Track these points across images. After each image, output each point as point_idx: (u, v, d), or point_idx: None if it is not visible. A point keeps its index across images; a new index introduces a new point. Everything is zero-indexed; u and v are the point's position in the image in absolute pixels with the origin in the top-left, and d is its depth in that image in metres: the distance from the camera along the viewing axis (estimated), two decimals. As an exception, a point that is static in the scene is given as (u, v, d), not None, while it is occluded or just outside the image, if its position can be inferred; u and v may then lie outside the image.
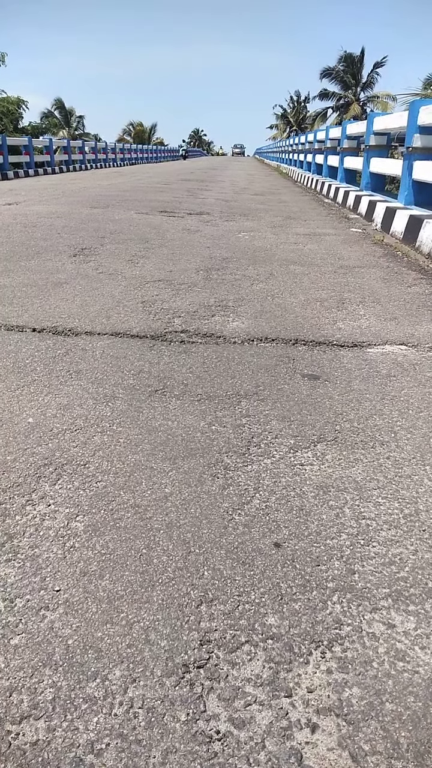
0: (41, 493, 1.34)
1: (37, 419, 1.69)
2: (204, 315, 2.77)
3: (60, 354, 2.22)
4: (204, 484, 1.38)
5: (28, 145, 17.21)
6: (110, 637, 0.97)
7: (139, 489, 1.35)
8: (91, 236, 4.88)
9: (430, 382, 2.02)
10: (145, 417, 1.72)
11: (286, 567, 1.11)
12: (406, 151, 5.91)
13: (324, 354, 2.31)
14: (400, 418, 1.75)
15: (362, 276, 3.72)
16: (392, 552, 1.17)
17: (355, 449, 1.56)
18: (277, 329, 2.59)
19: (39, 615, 1.01)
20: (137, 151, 33.96)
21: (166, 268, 3.75)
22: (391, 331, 2.60)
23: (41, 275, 3.47)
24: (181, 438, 1.60)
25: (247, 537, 1.20)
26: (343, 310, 2.93)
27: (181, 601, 1.03)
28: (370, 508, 1.30)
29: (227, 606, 1.03)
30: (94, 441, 1.57)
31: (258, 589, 1.06)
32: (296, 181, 14.98)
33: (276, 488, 1.37)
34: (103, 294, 3.09)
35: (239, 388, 1.95)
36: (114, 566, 1.11)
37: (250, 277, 3.59)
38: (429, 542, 1.20)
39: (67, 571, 1.10)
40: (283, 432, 1.65)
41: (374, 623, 1.00)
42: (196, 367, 2.13)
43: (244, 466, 1.47)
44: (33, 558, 1.14)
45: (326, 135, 11.71)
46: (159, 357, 2.22)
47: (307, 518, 1.26)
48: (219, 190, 10.82)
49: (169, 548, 1.16)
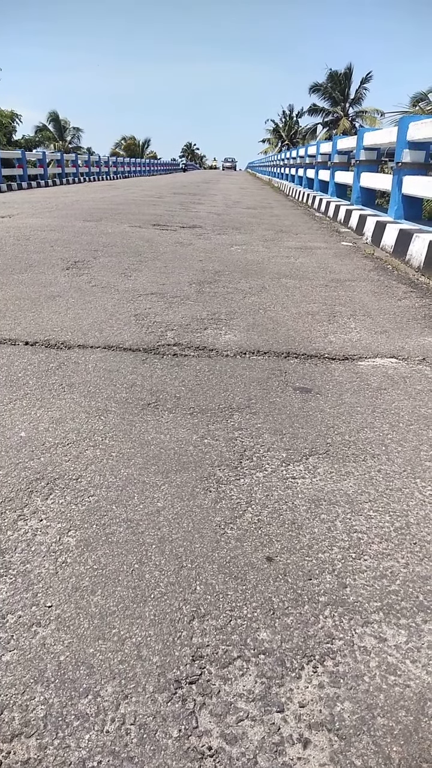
0: (33, 508, 1.33)
1: (30, 433, 1.69)
2: (196, 328, 2.79)
3: (53, 367, 2.23)
4: (196, 497, 1.38)
5: (22, 159, 17.31)
6: (102, 653, 0.96)
7: (132, 503, 1.36)
8: (84, 249, 4.90)
9: (420, 395, 2.05)
10: (137, 430, 1.73)
11: (278, 581, 1.12)
12: (395, 166, 6.01)
13: (315, 367, 2.33)
14: (391, 431, 1.77)
15: (353, 289, 3.76)
16: (383, 565, 1.17)
17: (346, 462, 1.58)
18: (269, 342, 2.61)
19: (31, 631, 1.01)
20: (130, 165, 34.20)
21: (159, 282, 3.77)
22: (382, 344, 2.63)
23: (34, 288, 3.48)
24: (174, 451, 1.61)
25: (239, 551, 1.20)
26: (334, 323, 2.96)
27: (174, 616, 1.04)
28: (362, 522, 1.31)
29: (219, 621, 1.03)
30: (86, 455, 1.57)
31: (250, 603, 1.07)
32: (288, 194, 15.14)
33: (268, 502, 1.38)
34: (96, 307, 3.10)
35: (231, 402, 1.96)
36: (106, 581, 1.11)
37: (242, 290, 3.62)
38: (419, 555, 1.21)
39: (59, 587, 1.10)
40: (275, 445, 1.66)
41: (366, 637, 1.01)
42: (189, 380, 2.14)
43: (236, 480, 1.47)
44: (25, 574, 1.14)
45: (317, 150, 11.87)
46: (152, 370, 2.23)
47: (299, 532, 1.27)
48: (211, 203, 10.92)
49: (162, 563, 1.16)
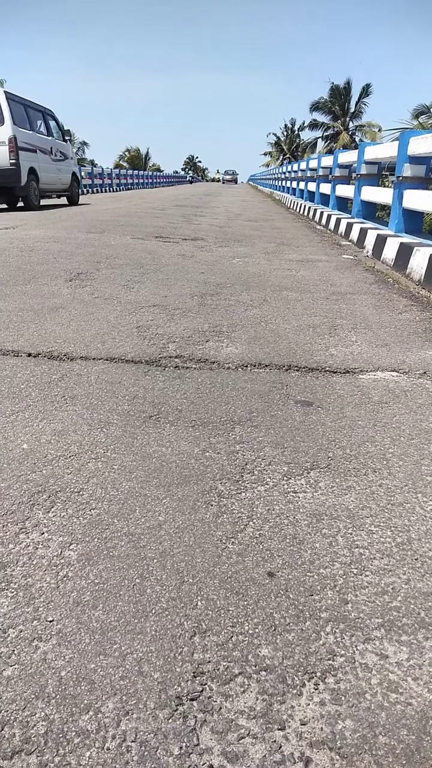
0: (35, 521, 1.34)
1: (32, 445, 1.69)
2: (198, 340, 2.80)
3: (55, 379, 2.24)
4: (198, 511, 1.39)
5: (26, 170, 17.41)
6: (103, 668, 0.96)
7: (133, 517, 1.36)
8: (87, 261, 4.94)
9: (421, 409, 2.05)
10: (139, 443, 1.73)
11: (280, 597, 1.12)
12: (396, 180, 6.06)
13: (317, 380, 2.33)
14: (392, 445, 1.77)
15: (354, 302, 3.78)
16: (385, 581, 1.17)
17: (347, 476, 1.58)
18: (271, 355, 2.62)
19: (32, 646, 1.00)
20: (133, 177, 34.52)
21: (161, 293, 3.79)
22: (383, 358, 2.64)
23: (37, 300, 3.51)
24: (175, 465, 1.61)
25: (240, 566, 1.20)
26: (335, 336, 2.97)
27: (175, 632, 1.03)
28: (363, 537, 1.31)
29: (221, 637, 1.02)
30: (88, 467, 1.58)
31: (251, 619, 1.06)
32: (289, 207, 15.25)
33: (269, 516, 1.38)
34: (99, 319, 3.12)
35: (233, 414, 1.96)
36: (107, 596, 1.11)
37: (243, 302, 3.64)
38: (421, 571, 1.20)
39: (60, 601, 1.10)
40: (277, 459, 1.66)
41: (367, 654, 1.00)
42: (191, 392, 2.15)
43: (237, 494, 1.47)
44: (26, 588, 1.14)
45: (318, 163, 11.98)
46: (154, 382, 2.24)
47: (301, 547, 1.27)
48: (213, 216, 11.00)
49: (163, 578, 1.16)
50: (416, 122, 28.60)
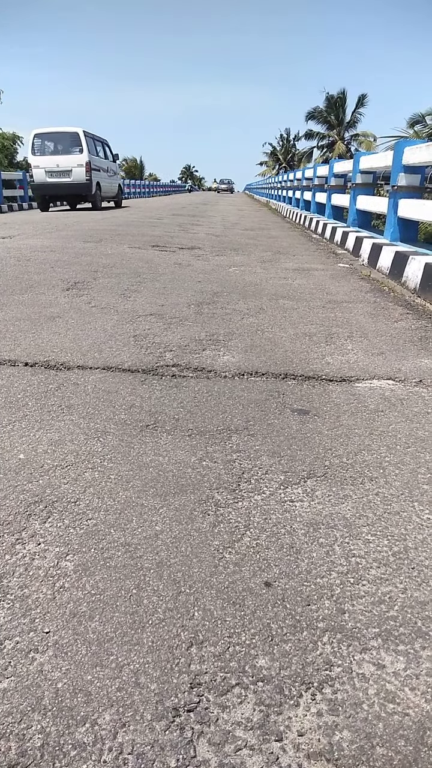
0: (31, 532, 1.33)
1: (28, 455, 1.69)
2: (195, 349, 2.81)
3: (52, 388, 2.24)
4: (195, 521, 1.39)
5: (23, 180, 17.57)
6: (100, 680, 0.96)
7: (130, 527, 1.36)
8: (84, 270, 4.95)
9: (417, 418, 2.06)
10: (136, 452, 1.73)
11: (277, 607, 1.12)
12: (391, 189, 6.11)
13: (313, 388, 2.34)
14: (388, 453, 1.78)
15: (350, 311, 3.80)
16: (382, 590, 1.17)
17: (344, 485, 1.58)
18: (267, 363, 2.63)
19: (28, 657, 1.00)
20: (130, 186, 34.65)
21: (158, 302, 3.81)
22: (379, 366, 2.65)
23: (34, 309, 3.51)
24: (172, 474, 1.61)
25: (237, 576, 1.20)
26: (331, 344, 2.98)
27: (171, 642, 1.03)
28: (360, 546, 1.31)
29: (218, 648, 1.02)
30: (85, 477, 1.58)
31: (248, 630, 1.06)
32: (285, 216, 15.34)
33: (266, 525, 1.38)
34: (96, 328, 3.12)
35: (230, 423, 1.97)
36: (104, 607, 1.11)
37: (240, 311, 3.65)
38: (418, 580, 1.21)
39: (57, 613, 1.10)
40: (274, 468, 1.67)
41: (364, 664, 1.00)
42: (188, 401, 2.16)
43: (234, 503, 1.48)
44: (22, 599, 1.13)
45: (314, 173, 12.07)
46: (150, 391, 2.24)
47: (298, 556, 1.27)
48: (210, 225, 11.05)
49: (160, 588, 1.16)
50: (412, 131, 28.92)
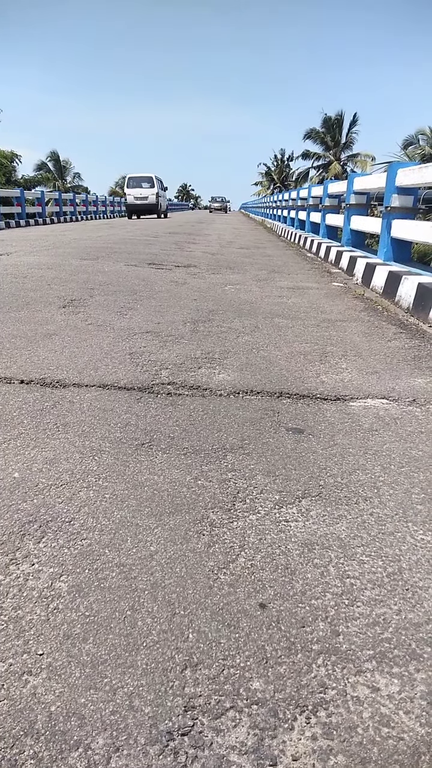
0: (25, 552, 1.33)
1: (23, 474, 1.69)
2: (191, 367, 2.82)
3: (47, 406, 2.24)
4: (189, 541, 1.39)
5: (20, 197, 17.72)
6: (93, 703, 0.95)
7: (124, 547, 1.35)
8: (81, 288, 4.98)
9: (411, 437, 2.07)
10: (131, 471, 1.74)
11: (272, 629, 1.12)
12: (385, 210, 6.20)
13: (308, 407, 2.35)
14: (383, 473, 1.79)
15: (344, 329, 3.83)
16: (376, 612, 1.17)
17: (339, 505, 1.59)
18: (262, 382, 2.64)
19: (21, 680, 0.99)
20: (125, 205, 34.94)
21: (154, 320, 3.83)
22: (373, 385, 2.67)
23: (30, 326, 3.53)
24: (167, 493, 1.61)
25: (232, 597, 1.20)
26: (326, 363, 3.01)
27: (166, 665, 1.03)
28: (354, 567, 1.32)
29: (212, 670, 1.02)
30: (79, 496, 1.58)
31: (243, 652, 1.06)
32: (280, 235, 15.51)
33: (261, 546, 1.38)
34: (92, 345, 3.14)
35: (225, 442, 1.97)
36: (98, 629, 1.10)
37: (235, 329, 3.68)
38: (412, 602, 1.21)
39: (51, 634, 1.09)
40: (269, 487, 1.67)
41: (359, 686, 1.00)
42: (183, 420, 2.16)
43: (229, 523, 1.48)
44: (16, 620, 1.13)
45: (309, 193, 12.24)
46: (146, 409, 2.25)
47: (292, 577, 1.27)
48: (206, 243, 11.16)
49: (154, 610, 1.15)
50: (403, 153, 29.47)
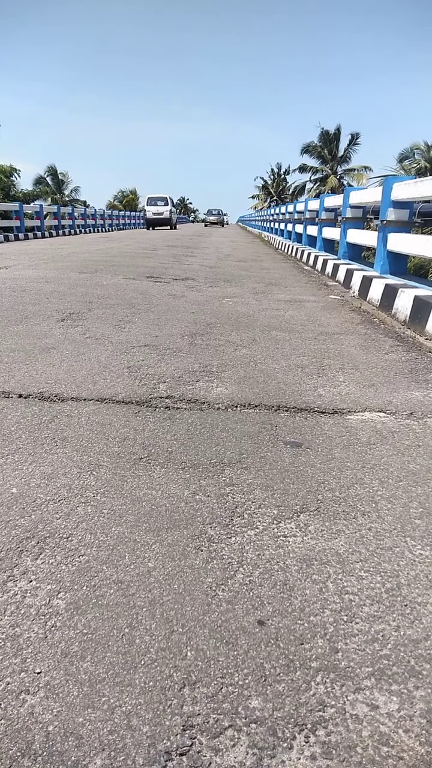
0: (23, 569, 1.33)
1: (21, 489, 1.69)
2: (189, 380, 2.83)
3: (46, 421, 2.24)
4: (188, 557, 1.38)
5: (19, 211, 17.83)
6: (91, 722, 0.95)
7: (122, 563, 1.35)
8: (79, 301, 5.00)
9: (409, 451, 2.08)
10: (129, 486, 1.74)
11: (270, 646, 1.11)
12: (380, 223, 6.26)
13: (306, 421, 2.36)
14: (381, 487, 1.79)
15: (341, 342, 3.85)
16: (375, 628, 1.17)
17: (337, 520, 1.59)
18: (260, 395, 2.65)
19: (19, 699, 0.99)
20: (125, 217, 35.30)
21: (152, 333, 3.85)
22: (370, 398, 2.68)
23: (29, 340, 3.54)
24: (165, 508, 1.61)
25: (230, 614, 1.19)
26: (323, 376, 3.02)
27: (164, 683, 1.02)
28: (353, 582, 1.31)
29: (210, 688, 1.01)
30: (77, 512, 1.57)
31: (242, 670, 1.06)
32: (277, 248, 15.62)
33: (259, 561, 1.38)
34: (90, 359, 3.15)
35: (223, 456, 1.98)
36: (96, 647, 1.10)
37: (233, 342, 3.69)
38: (410, 618, 1.21)
39: (48, 652, 1.09)
40: (267, 502, 1.67)
41: (358, 704, 1.00)
42: (181, 434, 2.17)
43: (227, 538, 1.48)
44: (14, 638, 1.12)
45: (305, 206, 12.35)
46: (144, 423, 2.25)
47: (291, 593, 1.27)
48: (203, 256, 11.23)
49: (152, 627, 1.15)
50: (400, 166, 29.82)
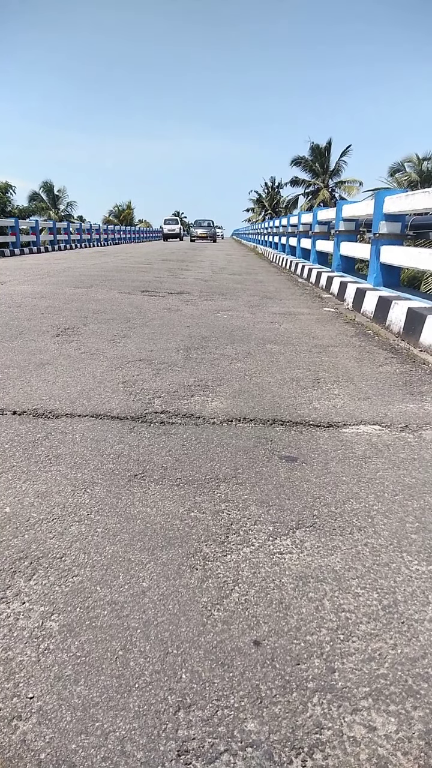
0: (16, 590, 1.31)
1: (14, 508, 1.67)
2: (183, 395, 2.83)
3: (40, 438, 2.23)
4: (182, 576, 1.37)
5: (15, 226, 17.92)
6: (85, 749, 0.93)
7: (116, 583, 1.34)
8: (75, 316, 5.01)
9: (404, 464, 2.07)
10: (123, 504, 1.72)
11: (266, 667, 1.10)
12: (373, 236, 6.31)
13: (301, 435, 2.36)
14: (377, 501, 1.78)
15: (336, 355, 3.86)
16: (372, 647, 1.16)
17: (333, 536, 1.58)
18: (255, 409, 2.65)
19: (11, 726, 0.97)
20: (121, 232, 35.53)
21: (147, 348, 3.85)
22: (365, 411, 2.68)
23: (24, 356, 3.53)
24: (160, 526, 1.60)
25: (226, 635, 1.18)
26: (318, 389, 3.02)
27: (158, 707, 1.01)
28: (350, 600, 1.30)
29: (206, 712, 1.00)
30: (71, 531, 1.56)
31: (237, 692, 1.04)
32: (272, 261, 15.72)
33: (255, 580, 1.37)
34: (85, 374, 3.14)
35: (218, 472, 1.97)
36: (89, 670, 1.08)
37: (228, 356, 3.70)
38: (407, 636, 1.19)
39: (41, 676, 1.07)
40: (262, 518, 1.66)
41: (355, 726, 0.98)
42: (176, 449, 2.16)
43: (223, 556, 1.46)
44: (6, 661, 1.10)
45: (299, 220, 12.46)
46: (139, 440, 2.24)
47: (287, 612, 1.25)
48: (198, 270, 11.28)
49: (146, 649, 1.13)
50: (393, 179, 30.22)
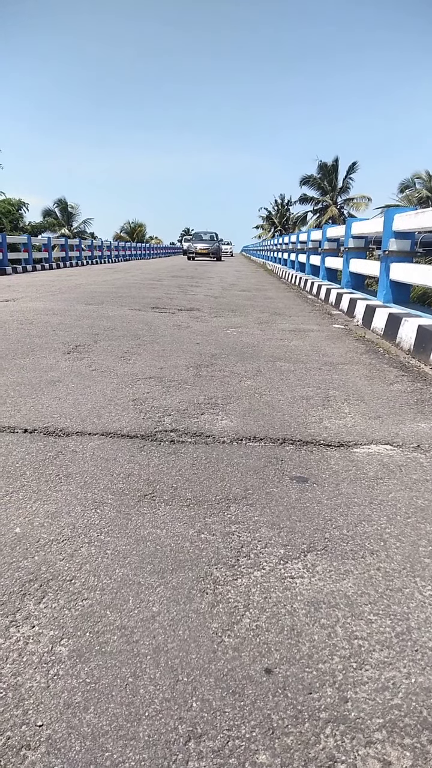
0: (25, 613, 1.30)
1: (24, 529, 1.67)
2: (193, 413, 2.83)
3: (50, 456, 2.24)
4: (193, 601, 1.36)
5: (27, 243, 18.18)
6: (93, 780, 0.91)
7: (126, 607, 1.33)
8: (86, 333, 5.05)
9: (416, 485, 2.05)
10: (133, 525, 1.72)
11: (278, 696, 1.08)
12: (383, 253, 6.33)
13: (311, 454, 2.34)
14: (389, 524, 1.76)
15: (346, 373, 3.85)
16: (385, 676, 1.14)
17: (345, 560, 1.56)
18: (265, 428, 2.64)
19: (19, 756, 0.96)
20: (131, 248, 35.95)
21: (157, 365, 3.86)
22: (376, 431, 2.66)
23: (35, 373, 3.56)
24: (170, 548, 1.59)
25: (237, 662, 1.16)
26: (328, 407, 3.01)
27: (169, 737, 0.99)
28: (362, 627, 1.28)
29: (216, 742, 0.98)
30: (81, 553, 1.55)
31: (249, 722, 1.02)
32: (281, 277, 15.79)
33: (266, 605, 1.35)
34: (95, 392, 3.16)
35: (228, 492, 1.96)
36: (99, 697, 1.07)
37: (238, 373, 3.70)
38: (422, 664, 1.17)
39: (50, 703, 1.06)
40: (273, 541, 1.65)
41: (369, 760, 0.96)
42: (186, 469, 2.15)
43: (233, 580, 1.45)
44: (15, 687, 1.09)
45: (308, 237, 12.54)
46: (149, 459, 2.24)
47: (299, 639, 1.23)
48: (208, 286, 11.35)
49: (156, 676, 1.12)
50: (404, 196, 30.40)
